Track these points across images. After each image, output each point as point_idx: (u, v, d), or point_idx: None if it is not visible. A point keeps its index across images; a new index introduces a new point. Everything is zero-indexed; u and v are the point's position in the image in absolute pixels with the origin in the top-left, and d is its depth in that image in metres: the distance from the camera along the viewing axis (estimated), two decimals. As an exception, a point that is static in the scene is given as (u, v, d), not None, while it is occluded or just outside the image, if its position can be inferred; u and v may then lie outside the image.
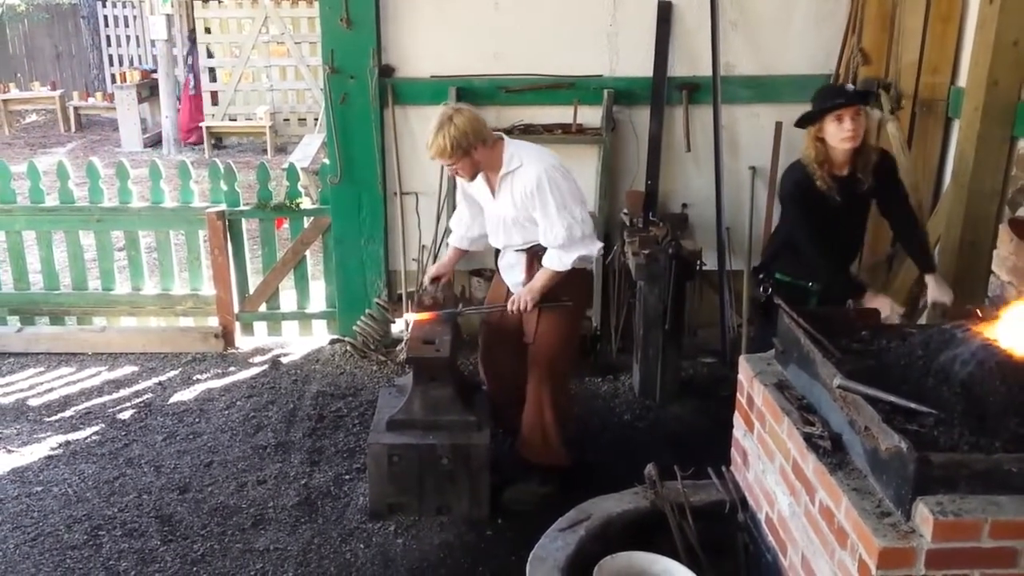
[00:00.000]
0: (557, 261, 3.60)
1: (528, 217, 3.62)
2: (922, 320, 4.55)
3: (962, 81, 4.38)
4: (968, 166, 4.10)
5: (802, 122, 3.71)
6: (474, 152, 3.52)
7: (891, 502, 2.11)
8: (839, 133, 3.54)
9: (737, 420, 3.07)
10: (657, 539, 2.92)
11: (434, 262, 5.25)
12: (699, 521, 2.92)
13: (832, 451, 2.35)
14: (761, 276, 4.13)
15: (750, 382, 2.91)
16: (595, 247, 3.66)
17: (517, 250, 3.78)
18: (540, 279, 3.66)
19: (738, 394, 3.04)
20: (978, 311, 2.73)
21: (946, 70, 4.53)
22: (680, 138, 5.13)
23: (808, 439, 2.42)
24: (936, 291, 3.63)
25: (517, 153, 3.59)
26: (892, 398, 2.24)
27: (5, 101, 14.44)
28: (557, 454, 3.87)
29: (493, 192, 3.70)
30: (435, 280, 4.01)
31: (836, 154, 3.63)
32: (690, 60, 5.06)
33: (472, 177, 3.67)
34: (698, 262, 4.73)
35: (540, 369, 3.78)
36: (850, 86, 4.37)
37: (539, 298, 3.67)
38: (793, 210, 3.80)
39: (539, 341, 3.76)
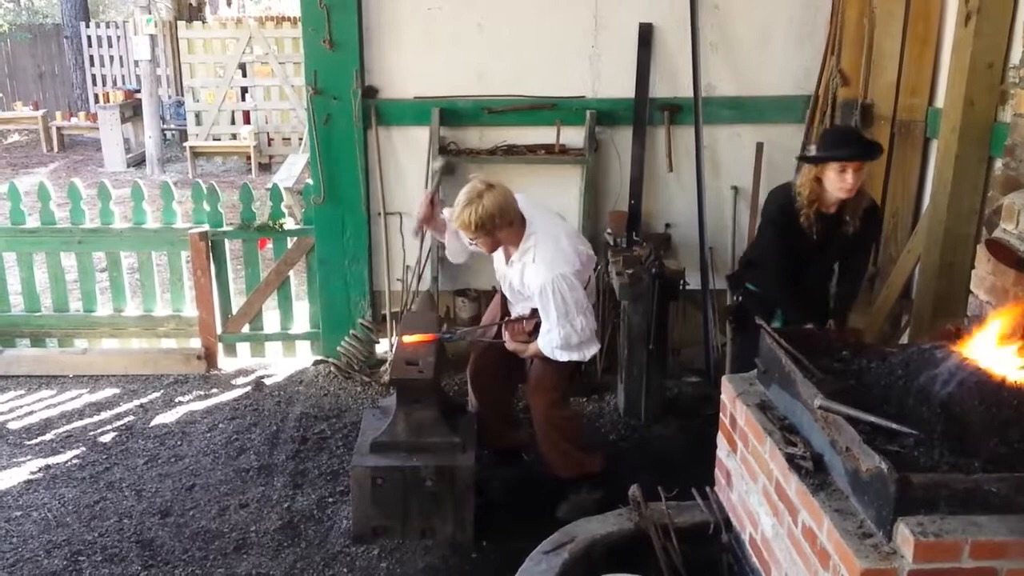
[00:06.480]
0: (549, 351, 3.63)
1: (531, 299, 3.67)
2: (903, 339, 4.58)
3: (939, 102, 4.44)
4: (946, 186, 4.15)
5: (805, 159, 3.73)
6: (497, 232, 3.53)
7: (872, 523, 2.12)
8: (838, 182, 3.57)
9: (720, 440, 3.08)
10: (642, 561, 2.92)
11: (419, 281, 5.27)
12: (683, 542, 2.93)
13: (814, 472, 2.36)
14: (733, 284, 4.16)
15: (733, 402, 2.93)
16: (590, 352, 3.68)
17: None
18: (535, 348, 3.70)
19: (721, 414, 3.06)
20: (957, 331, 2.76)
21: (924, 91, 4.60)
22: (662, 159, 5.16)
23: (790, 460, 2.43)
24: None
25: (533, 247, 3.57)
26: (872, 418, 2.26)
27: (-13, 121, 14.39)
28: (583, 463, 3.92)
29: (507, 259, 3.72)
30: (422, 223, 4.00)
31: (828, 196, 3.67)
32: (671, 81, 5.09)
33: (491, 251, 3.70)
34: (681, 282, 4.74)
35: (535, 396, 3.84)
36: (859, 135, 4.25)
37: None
38: (770, 233, 3.84)
39: (534, 372, 3.82)
